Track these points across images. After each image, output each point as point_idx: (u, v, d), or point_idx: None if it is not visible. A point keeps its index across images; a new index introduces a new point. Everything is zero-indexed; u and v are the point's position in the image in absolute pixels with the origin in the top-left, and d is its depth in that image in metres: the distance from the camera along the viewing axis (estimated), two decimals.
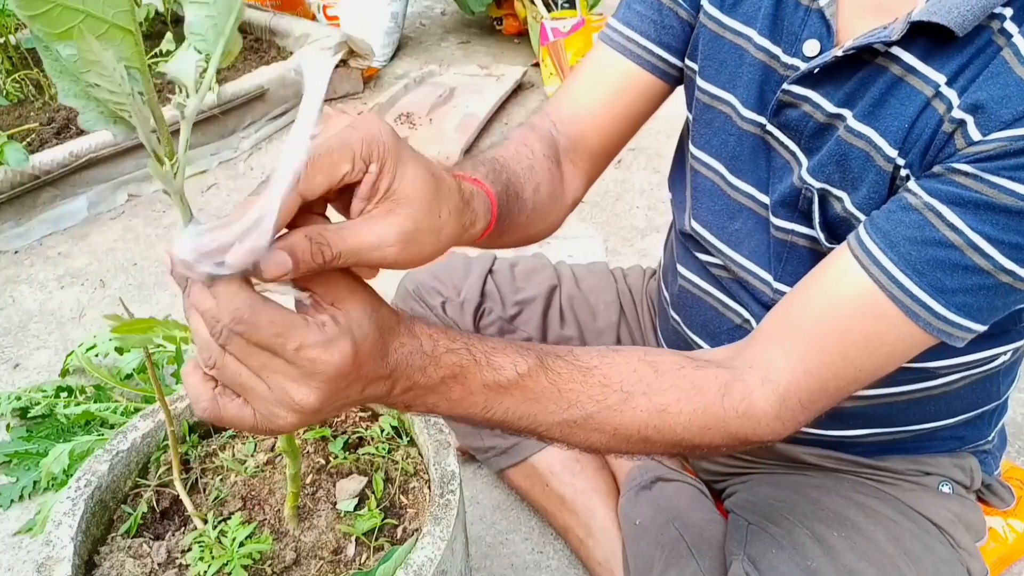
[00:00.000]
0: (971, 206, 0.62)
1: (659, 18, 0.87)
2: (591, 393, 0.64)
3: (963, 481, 0.94)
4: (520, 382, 0.61)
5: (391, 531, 0.83)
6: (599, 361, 0.66)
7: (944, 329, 0.66)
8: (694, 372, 0.68)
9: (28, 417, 1.42)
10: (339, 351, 0.50)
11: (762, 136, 0.81)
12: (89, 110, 0.45)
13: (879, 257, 0.66)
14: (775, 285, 0.84)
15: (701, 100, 0.87)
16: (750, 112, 0.81)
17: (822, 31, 0.73)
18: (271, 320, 0.48)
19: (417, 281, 1.22)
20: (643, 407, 0.65)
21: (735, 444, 0.70)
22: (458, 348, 0.58)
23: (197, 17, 0.45)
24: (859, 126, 0.71)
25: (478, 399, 0.60)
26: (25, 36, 2.41)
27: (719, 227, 0.89)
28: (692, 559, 0.92)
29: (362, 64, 2.61)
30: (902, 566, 0.83)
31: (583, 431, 0.65)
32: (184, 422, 0.92)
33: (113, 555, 0.79)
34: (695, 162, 0.90)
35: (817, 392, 0.69)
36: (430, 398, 0.58)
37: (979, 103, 0.63)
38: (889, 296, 0.66)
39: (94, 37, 0.41)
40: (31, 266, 1.94)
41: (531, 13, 2.59)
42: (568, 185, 0.90)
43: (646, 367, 0.67)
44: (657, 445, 0.68)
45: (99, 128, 0.46)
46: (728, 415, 0.67)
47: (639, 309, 1.19)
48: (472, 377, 0.59)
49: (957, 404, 0.88)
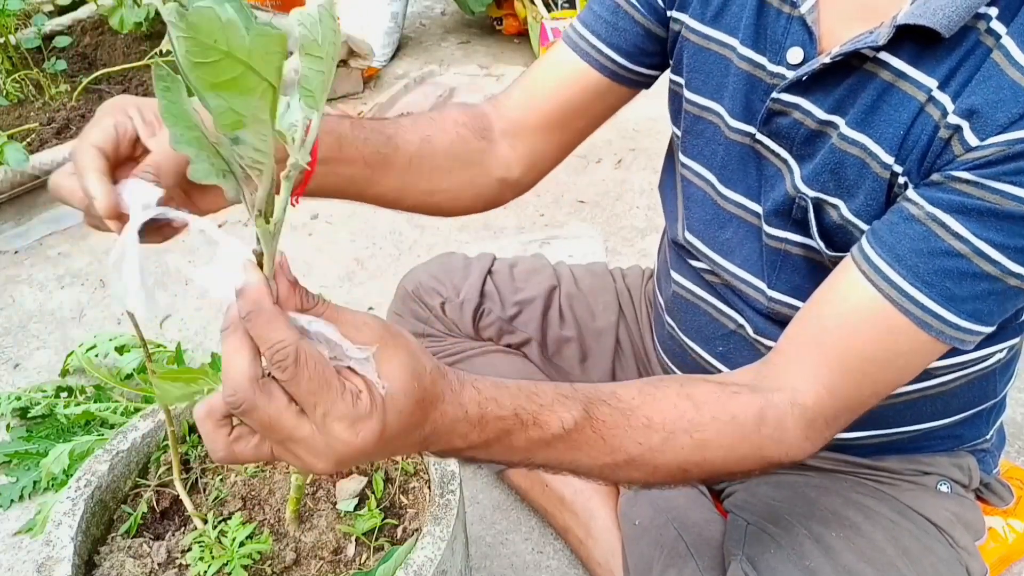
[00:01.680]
0: (974, 213, 0.62)
1: (613, 20, 0.88)
2: (634, 437, 0.64)
3: (961, 480, 0.94)
4: (566, 436, 0.60)
5: (391, 531, 0.83)
6: (640, 400, 0.65)
7: (956, 336, 0.66)
8: (730, 401, 0.67)
9: (28, 417, 1.42)
10: (366, 431, 0.48)
11: (751, 146, 0.81)
12: (201, 160, 0.45)
13: (886, 271, 0.66)
14: (769, 293, 0.84)
15: (690, 112, 0.87)
16: (737, 122, 0.81)
17: (804, 38, 0.73)
18: (310, 376, 0.46)
19: (416, 281, 1.22)
20: (685, 444, 0.65)
21: (767, 467, 0.70)
22: (506, 416, 0.57)
23: (310, 71, 0.44)
24: (853, 133, 0.71)
25: (519, 453, 0.60)
26: (26, 36, 2.41)
27: (710, 236, 0.89)
28: (691, 559, 0.92)
29: (362, 64, 2.61)
30: (901, 566, 0.83)
31: (623, 471, 0.65)
32: (184, 422, 0.92)
33: (113, 555, 0.79)
34: (686, 171, 0.91)
35: (841, 409, 0.70)
36: (467, 453, 0.58)
37: (974, 108, 0.62)
38: (900, 310, 0.66)
39: (246, 91, 0.41)
40: (31, 266, 1.94)
41: (531, 13, 2.59)
42: (495, 160, 0.93)
43: (686, 402, 0.66)
44: (694, 477, 0.68)
45: (209, 181, 0.45)
46: (765, 442, 0.67)
47: (638, 310, 1.19)
48: (517, 437, 0.58)
49: (954, 403, 0.88)
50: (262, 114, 0.42)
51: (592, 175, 2.20)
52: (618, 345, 1.17)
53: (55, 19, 2.57)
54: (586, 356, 1.18)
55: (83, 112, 2.21)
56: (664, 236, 1.04)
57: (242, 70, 0.40)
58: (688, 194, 0.91)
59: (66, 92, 2.28)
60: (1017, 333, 0.83)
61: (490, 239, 1.97)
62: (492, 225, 2.02)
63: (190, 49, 0.39)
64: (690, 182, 0.90)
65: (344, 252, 1.95)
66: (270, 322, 0.46)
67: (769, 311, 0.85)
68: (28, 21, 2.50)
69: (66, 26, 2.55)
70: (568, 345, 1.18)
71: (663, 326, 1.03)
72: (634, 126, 2.39)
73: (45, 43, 2.42)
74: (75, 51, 2.49)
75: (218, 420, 0.50)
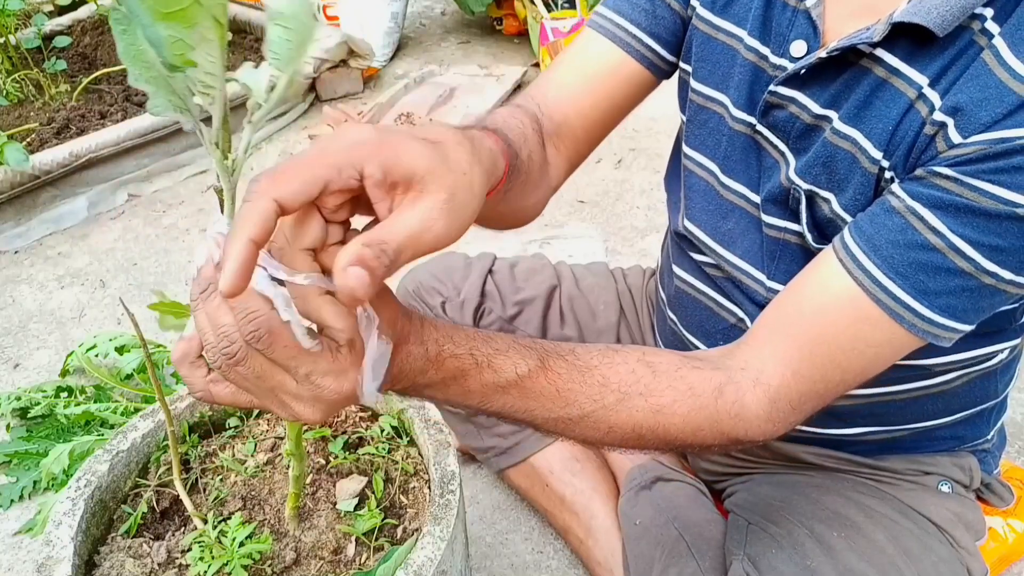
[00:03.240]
0: (952, 209, 0.63)
1: (651, 7, 0.87)
2: (589, 393, 0.65)
3: (962, 480, 0.94)
4: (519, 383, 0.62)
5: (391, 531, 0.83)
6: (599, 361, 0.67)
7: (929, 330, 0.67)
8: (690, 373, 0.69)
9: (28, 417, 1.42)
10: (350, 381, 0.51)
11: (752, 136, 0.81)
12: (159, 96, 0.48)
13: (863, 261, 0.67)
14: (768, 284, 0.84)
15: (695, 101, 0.87)
16: (741, 112, 0.81)
17: (809, 32, 0.73)
18: (286, 343, 0.49)
19: (417, 281, 1.22)
20: (639, 407, 0.67)
21: (727, 443, 0.71)
22: (461, 353, 0.59)
23: (278, 38, 0.48)
24: (845, 128, 0.71)
25: (475, 396, 0.62)
26: (26, 36, 2.41)
27: (712, 227, 0.89)
28: (692, 559, 0.92)
29: (362, 64, 2.61)
30: (901, 566, 0.83)
31: (579, 427, 0.67)
32: (184, 422, 0.92)
33: (113, 555, 0.79)
34: (688, 162, 0.90)
35: (807, 394, 0.70)
36: (427, 391, 0.60)
37: (959, 105, 0.63)
38: (873, 299, 0.67)
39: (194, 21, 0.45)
40: (31, 266, 1.94)
41: (531, 13, 2.59)
42: (551, 168, 0.89)
43: (644, 368, 0.68)
44: (650, 442, 0.69)
45: (166, 113, 0.48)
46: (721, 416, 0.68)
47: (639, 309, 1.19)
48: (471, 379, 0.60)
49: (955, 402, 0.88)
50: (210, 43, 0.46)
51: (592, 175, 2.20)
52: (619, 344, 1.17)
53: (55, 19, 2.57)
54: None
55: (83, 112, 2.21)
56: (667, 233, 1.04)
57: (190, 1, 0.44)
58: (690, 184, 0.91)
59: (66, 92, 2.29)
60: (1018, 334, 0.83)
61: (490, 239, 1.97)
62: None
63: None
64: (692, 172, 0.90)
65: None
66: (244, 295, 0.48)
67: (768, 302, 0.84)
68: (28, 21, 2.51)
69: (66, 26, 2.55)
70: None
71: (665, 321, 1.03)
72: (634, 126, 2.39)
73: (45, 43, 2.42)
74: (75, 51, 2.49)
75: (192, 361, 0.54)
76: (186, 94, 0.48)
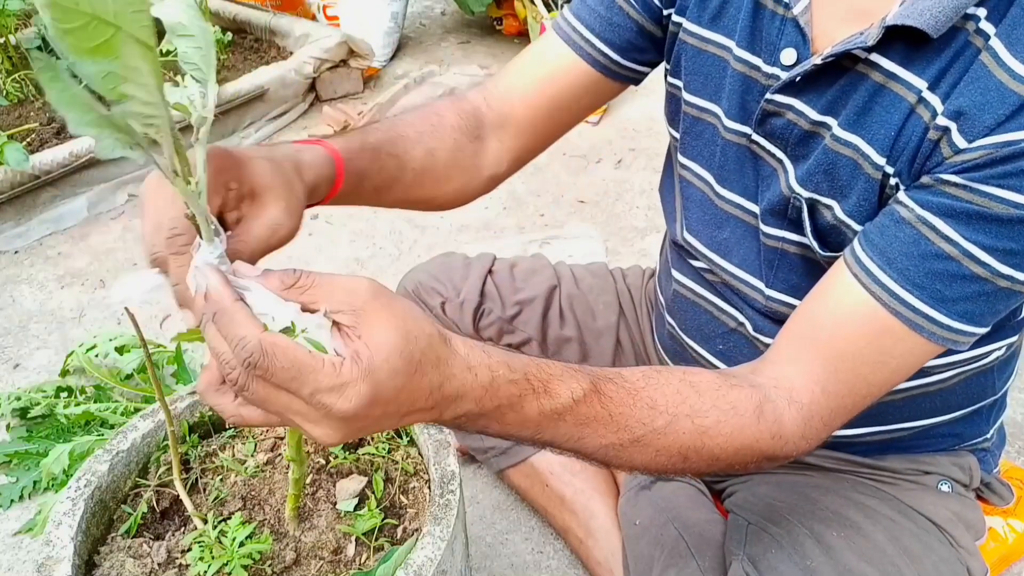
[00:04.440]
0: (963, 216, 0.63)
1: (608, 14, 0.88)
2: (639, 416, 0.64)
3: (962, 480, 0.94)
4: (575, 408, 0.61)
5: (391, 531, 0.83)
6: (645, 383, 0.66)
7: (948, 336, 0.67)
8: (730, 391, 0.68)
9: (28, 417, 1.42)
10: (354, 396, 0.49)
11: (747, 146, 0.81)
12: (104, 137, 0.45)
13: (878, 275, 0.67)
14: (767, 292, 0.84)
15: (688, 114, 0.87)
16: (734, 123, 0.81)
17: (798, 40, 0.73)
18: (282, 365, 0.48)
19: (416, 281, 1.22)
20: (686, 429, 0.66)
21: (763, 462, 0.71)
22: (517, 379, 0.58)
23: (188, 49, 0.48)
24: (845, 134, 0.71)
25: (531, 424, 0.60)
26: (26, 36, 2.41)
27: (708, 236, 0.89)
28: (692, 559, 0.92)
29: (362, 64, 2.61)
30: (901, 566, 0.83)
31: (627, 453, 0.65)
32: (184, 422, 0.92)
33: (113, 555, 0.79)
34: (685, 172, 0.91)
35: (837, 409, 0.71)
36: (482, 421, 0.58)
37: (961, 110, 0.63)
38: (892, 312, 0.67)
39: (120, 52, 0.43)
40: (31, 266, 1.94)
41: (531, 13, 2.59)
42: (487, 159, 0.92)
43: (688, 388, 0.67)
44: (694, 464, 0.69)
45: (116, 155, 0.46)
46: (762, 435, 0.68)
47: (638, 310, 1.19)
48: (529, 405, 0.59)
49: (953, 400, 0.88)
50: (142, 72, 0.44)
51: (592, 175, 2.20)
52: (619, 345, 1.17)
53: None
54: (586, 356, 1.18)
55: None
56: (666, 236, 1.04)
57: (112, 31, 0.42)
58: (687, 195, 0.91)
59: None
60: (1015, 331, 0.83)
61: (490, 239, 1.97)
62: (492, 225, 2.02)
63: (56, 16, 0.40)
64: (688, 183, 0.91)
65: (344, 252, 1.95)
66: (231, 320, 0.49)
67: (767, 310, 0.85)
68: (28, 21, 2.50)
69: None
70: (568, 345, 1.18)
71: (664, 325, 1.03)
72: (634, 126, 2.39)
73: (45, 43, 2.42)
74: None
75: (217, 389, 0.54)
76: (131, 128, 0.46)
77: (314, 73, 2.51)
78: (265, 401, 0.50)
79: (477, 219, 2.04)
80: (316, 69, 2.50)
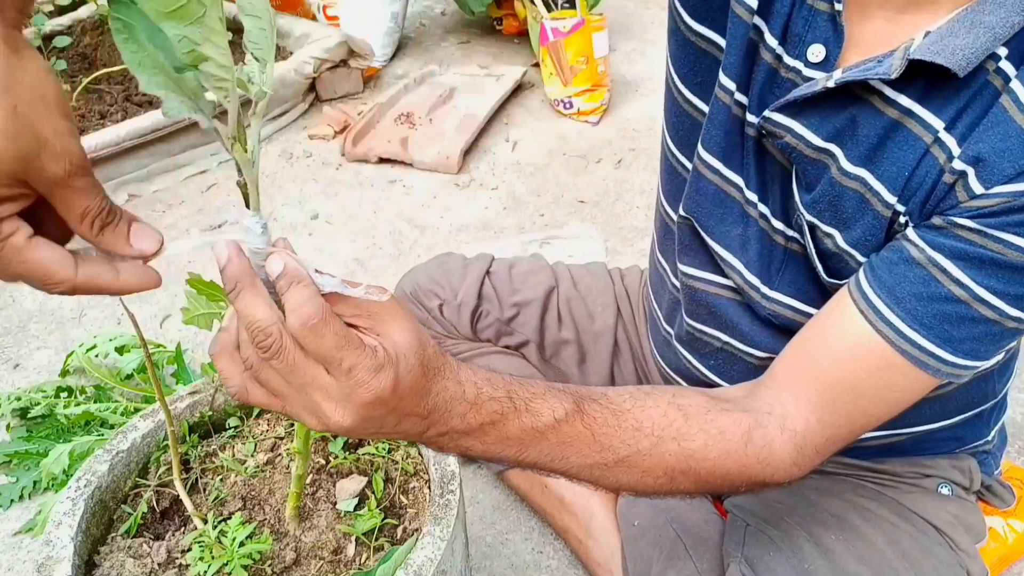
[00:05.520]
0: (976, 261, 0.62)
1: None
2: (623, 437, 0.65)
3: (962, 483, 0.94)
4: (557, 427, 0.61)
5: (391, 531, 0.83)
6: (631, 404, 0.67)
7: (952, 372, 0.67)
8: (719, 416, 0.68)
9: (28, 417, 1.42)
10: (384, 378, 0.51)
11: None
12: (171, 99, 0.48)
13: (885, 313, 0.66)
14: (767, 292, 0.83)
15: None
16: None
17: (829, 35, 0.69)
18: (335, 331, 0.49)
19: (414, 283, 1.22)
20: (672, 451, 0.66)
21: (753, 486, 0.71)
22: (500, 396, 0.59)
23: (253, 29, 0.49)
24: (853, 168, 0.69)
25: (513, 443, 0.61)
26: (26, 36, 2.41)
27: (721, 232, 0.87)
28: (690, 560, 0.92)
29: (362, 64, 2.61)
30: (900, 569, 0.83)
31: (612, 473, 0.66)
32: (184, 422, 0.92)
33: (113, 555, 0.79)
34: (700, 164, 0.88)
35: (832, 439, 0.71)
36: (464, 441, 0.59)
37: (980, 155, 0.61)
38: (898, 350, 0.66)
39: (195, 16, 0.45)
40: None
41: (531, 13, 2.59)
42: None
43: (675, 411, 0.67)
44: (681, 485, 0.69)
45: (182, 115, 0.48)
46: (750, 461, 0.68)
47: (636, 311, 1.19)
48: (510, 423, 0.59)
49: (952, 405, 0.88)
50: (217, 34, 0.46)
51: (592, 175, 2.20)
52: (616, 347, 1.17)
53: (55, 19, 2.57)
54: (584, 358, 1.17)
55: (83, 112, 2.21)
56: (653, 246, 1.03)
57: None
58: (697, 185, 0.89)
59: (66, 92, 2.28)
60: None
61: (490, 239, 1.97)
62: (492, 225, 2.02)
63: None
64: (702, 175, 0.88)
65: (344, 252, 1.95)
66: (304, 289, 0.49)
67: (768, 312, 0.83)
68: (28, 21, 2.50)
69: (66, 26, 2.55)
70: (566, 347, 1.17)
71: (659, 332, 1.03)
72: (634, 126, 2.39)
73: (45, 43, 2.42)
74: (75, 51, 2.49)
75: (231, 353, 0.53)
76: (198, 93, 0.48)
77: (314, 73, 2.51)
78: (292, 372, 0.50)
79: (477, 219, 2.04)
80: (316, 69, 2.50)
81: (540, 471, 0.65)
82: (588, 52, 2.34)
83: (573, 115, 2.42)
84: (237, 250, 0.51)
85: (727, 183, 0.83)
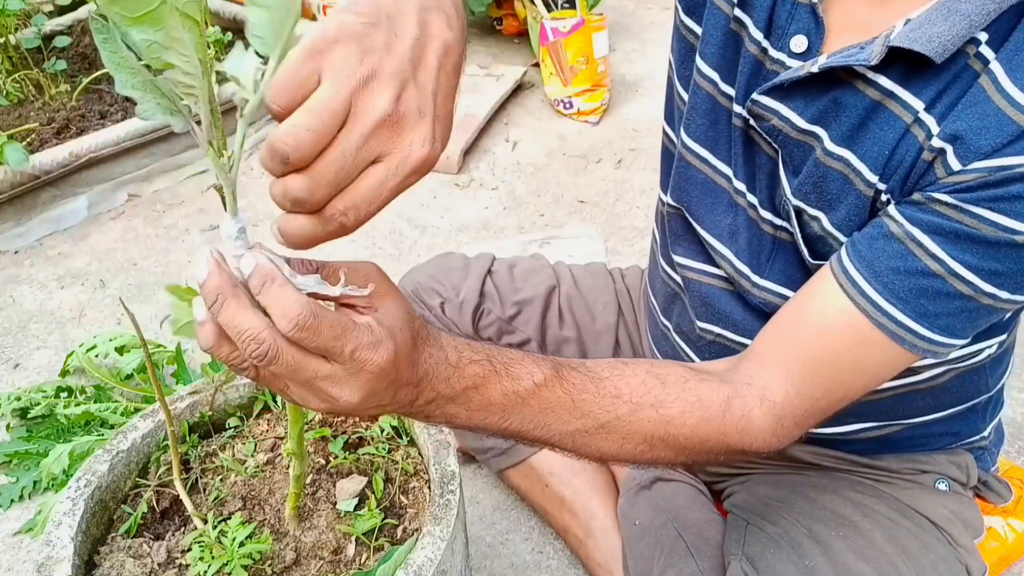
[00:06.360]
0: (952, 236, 0.64)
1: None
2: (603, 404, 0.66)
3: (959, 478, 0.94)
4: (537, 392, 0.63)
5: (391, 531, 0.83)
6: (609, 372, 0.68)
7: (929, 348, 0.68)
8: (698, 385, 0.70)
9: (28, 417, 1.42)
10: (385, 350, 0.52)
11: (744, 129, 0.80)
12: (147, 101, 0.48)
13: (863, 286, 0.68)
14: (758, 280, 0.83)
15: None
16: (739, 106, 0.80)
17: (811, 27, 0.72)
18: (330, 324, 0.49)
19: (416, 282, 1.22)
20: (651, 418, 0.67)
21: (732, 455, 0.73)
22: (480, 359, 0.60)
23: (259, 20, 0.48)
24: (837, 149, 0.71)
25: (496, 409, 0.62)
26: (26, 36, 2.41)
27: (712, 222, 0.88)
28: (691, 559, 0.92)
29: None
30: (899, 564, 0.84)
31: (594, 440, 0.67)
32: (184, 422, 0.92)
33: (113, 555, 0.79)
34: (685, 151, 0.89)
35: (810, 410, 0.72)
36: (450, 408, 0.60)
37: (958, 133, 0.63)
38: (875, 323, 0.68)
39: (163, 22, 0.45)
40: (31, 266, 1.94)
41: (531, 13, 2.59)
42: None
43: (653, 379, 0.69)
44: (661, 453, 0.70)
45: (156, 118, 0.48)
46: (728, 429, 0.69)
47: (637, 310, 1.19)
48: (492, 387, 0.61)
49: (946, 398, 0.89)
50: (182, 43, 0.46)
51: (592, 175, 2.20)
52: (617, 346, 1.17)
53: (55, 19, 2.57)
54: (586, 356, 1.18)
55: (83, 112, 2.21)
56: (654, 242, 1.04)
57: (159, 2, 0.44)
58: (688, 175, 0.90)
59: (66, 92, 2.28)
60: (1005, 329, 0.84)
61: (490, 239, 1.97)
62: (492, 225, 2.02)
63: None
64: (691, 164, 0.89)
65: (344, 252, 1.95)
66: (282, 289, 0.49)
67: (760, 300, 0.84)
68: (28, 21, 2.50)
69: (66, 26, 2.55)
70: (567, 345, 1.18)
71: (657, 327, 1.03)
72: (634, 126, 2.39)
73: (45, 43, 2.42)
74: (75, 51, 2.49)
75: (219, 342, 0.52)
76: (175, 96, 0.48)
77: None
78: (294, 371, 0.50)
79: (477, 219, 2.04)
80: None
81: (525, 441, 0.66)
82: (588, 52, 2.34)
83: (573, 115, 2.42)
84: (216, 262, 0.50)
85: (716, 172, 0.85)
